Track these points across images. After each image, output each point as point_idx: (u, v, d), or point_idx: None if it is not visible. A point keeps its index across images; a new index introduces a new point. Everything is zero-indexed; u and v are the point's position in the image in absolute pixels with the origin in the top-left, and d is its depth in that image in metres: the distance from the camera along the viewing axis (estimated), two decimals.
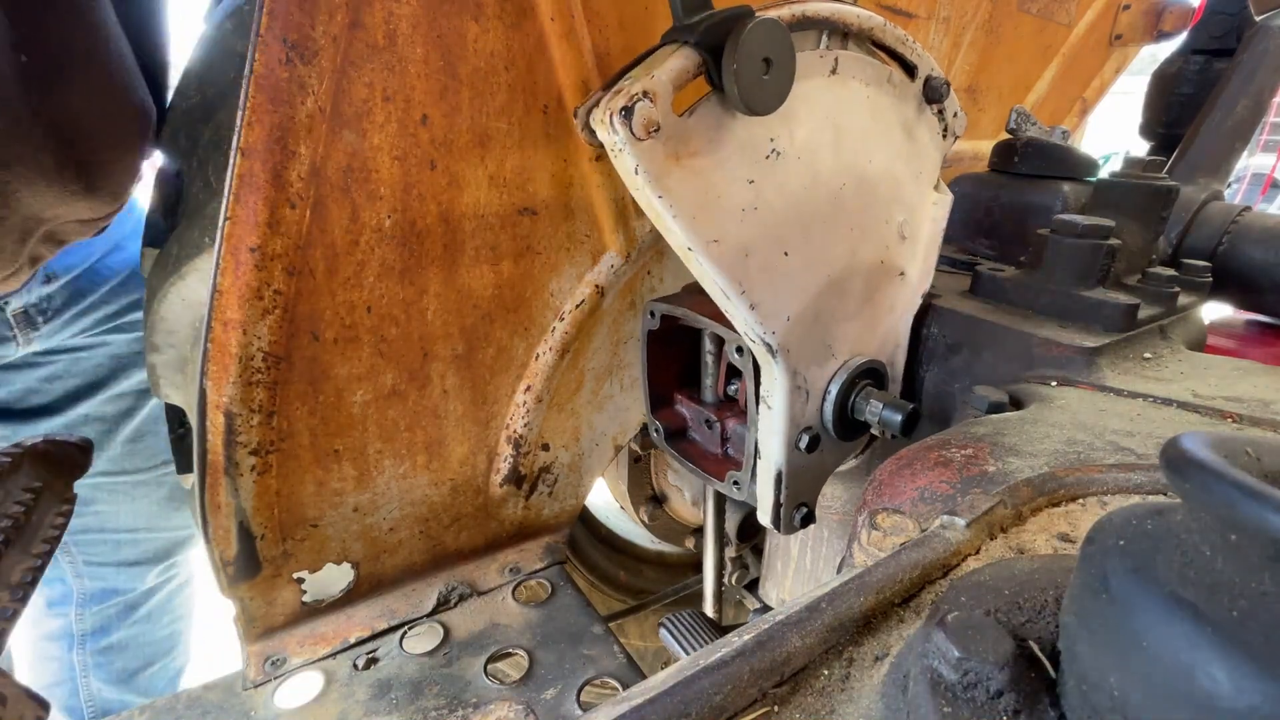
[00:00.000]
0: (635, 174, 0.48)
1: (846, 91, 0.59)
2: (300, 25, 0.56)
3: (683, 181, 0.50)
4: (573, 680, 0.78)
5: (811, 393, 0.64)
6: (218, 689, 0.75)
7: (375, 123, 0.63)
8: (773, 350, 0.58)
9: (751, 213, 0.54)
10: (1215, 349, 0.85)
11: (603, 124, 0.47)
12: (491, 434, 0.88)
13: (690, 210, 0.50)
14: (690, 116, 0.49)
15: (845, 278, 0.63)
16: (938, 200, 0.71)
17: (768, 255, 0.56)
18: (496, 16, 0.65)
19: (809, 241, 0.59)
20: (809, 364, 0.62)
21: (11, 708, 0.55)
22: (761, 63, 0.48)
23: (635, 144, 0.46)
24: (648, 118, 0.46)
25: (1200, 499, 0.19)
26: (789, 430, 0.63)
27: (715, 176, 0.51)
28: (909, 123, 0.65)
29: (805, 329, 0.60)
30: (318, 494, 0.76)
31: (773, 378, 0.61)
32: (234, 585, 0.74)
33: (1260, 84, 1.11)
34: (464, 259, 0.74)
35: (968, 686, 0.23)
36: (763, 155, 0.54)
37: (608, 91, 0.48)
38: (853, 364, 0.66)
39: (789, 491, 0.66)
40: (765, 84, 0.49)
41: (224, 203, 0.58)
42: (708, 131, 0.50)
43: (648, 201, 0.50)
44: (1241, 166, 4.73)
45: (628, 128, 0.45)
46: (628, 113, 0.45)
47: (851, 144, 0.60)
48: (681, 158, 0.49)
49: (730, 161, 0.52)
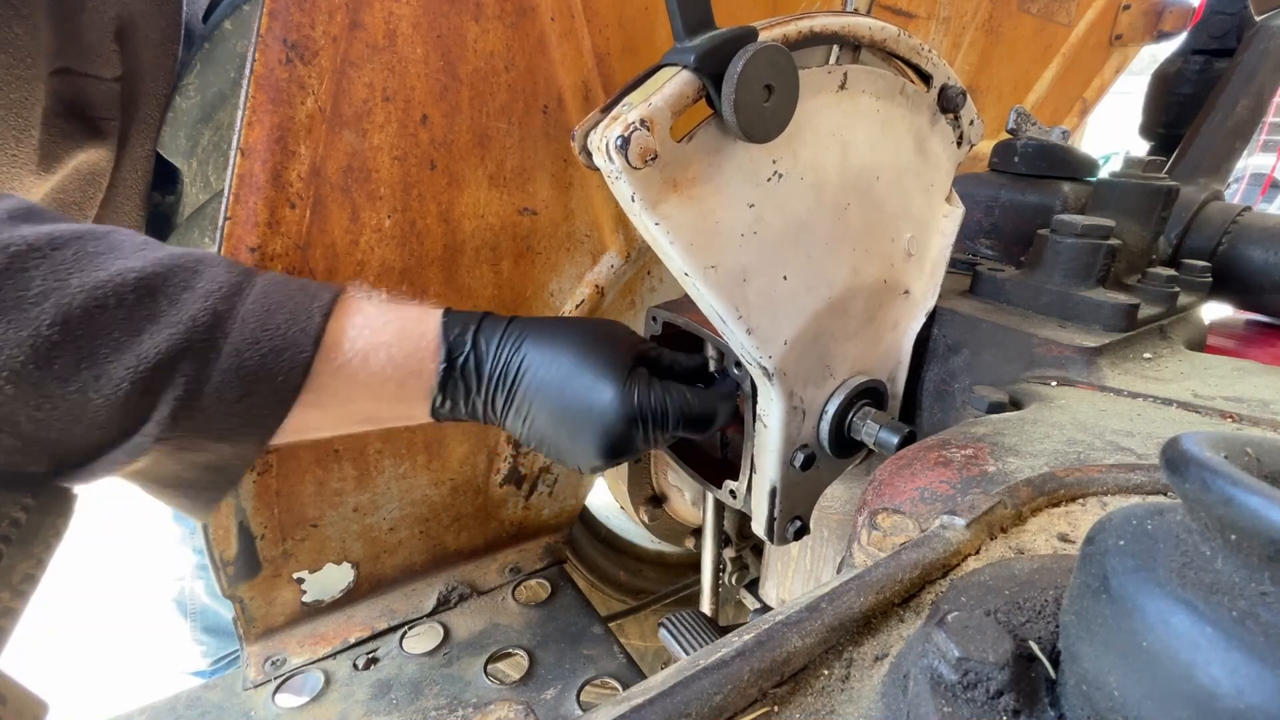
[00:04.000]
0: (632, 201, 0.46)
1: (855, 107, 0.57)
2: (300, 25, 0.56)
3: (680, 208, 0.48)
4: (573, 680, 0.78)
5: (808, 412, 0.63)
6: (218, 689, 0.75)
7: (375, 123, 0.63)
8: (769, 374, 0.57)
9: (751, 237, 0.52)
10: (1215, 349, 0.85)
11: (599, 151, 0.45)
12: (491, 434, 0.88)
13: (687, 236, 0.49)
14: (689, 142, 0.48)
15: (847, 298, 0.61)
16: (949, 213, 0.69)
17: (766, 279, 0.54)
18: (496, 16, 0.66)
19: (810, 264, 0.57)
20: (806, 384, 0.61)
21: (11, 707, 0.55)
22: (763, 90, 0.46)
23: (632, 173, 0.45)
24: (644, 146, 0.44)
25: (1200, 499, 0.19)
26: (784, 449, 0.62)
27: (714, 202, 0.50)
28: (921, 134, 0.63)
29: (803, 351, 0.59)
30: (318, 494, 0.76)
31: (769, 399, 0.60)
32: (234, 585, 0.74)
33: (1260, 84, 1.11)
34: (464, 259, 0.74)
35: (968, 686, 0.23)
36: (764, 178, 0.52)
37: (605, 114, 0.46)
38: (851, 384, 0.65)
39: (783, 506, 0.66)
40: (766, 112, 0.47)
41: (224, 203, 0.58)
42: (707, 156, 0.49)
43: (644, 227, 0.48)
44: (1241, 166, 4.73)
45: (624, 157, 0.44)
46: (624, 142, 0.44)
47: (859, 161, 0.58)
48: (680, 184, 0.48)
49: (730, 186, 0.50)
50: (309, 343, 0.50)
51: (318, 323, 0.50)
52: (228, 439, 0.49)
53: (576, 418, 0.55)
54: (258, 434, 0.50)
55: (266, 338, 0.48)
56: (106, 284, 0.43)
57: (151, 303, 0.45)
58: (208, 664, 1.35)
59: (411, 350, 0.54)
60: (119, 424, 0.46)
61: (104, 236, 0.46)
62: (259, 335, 0.48)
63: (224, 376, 0.47)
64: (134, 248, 0.47)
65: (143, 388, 0.45)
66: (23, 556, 0.61)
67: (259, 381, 0.48)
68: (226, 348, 0.47)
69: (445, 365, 0.55)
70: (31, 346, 0.42)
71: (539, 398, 0.56)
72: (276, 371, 0.49)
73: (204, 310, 0.47)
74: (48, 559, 0.64)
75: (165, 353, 0.45)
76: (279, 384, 0.49)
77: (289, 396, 0.50)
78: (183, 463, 0.50)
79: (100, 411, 0.45)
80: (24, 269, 0.42)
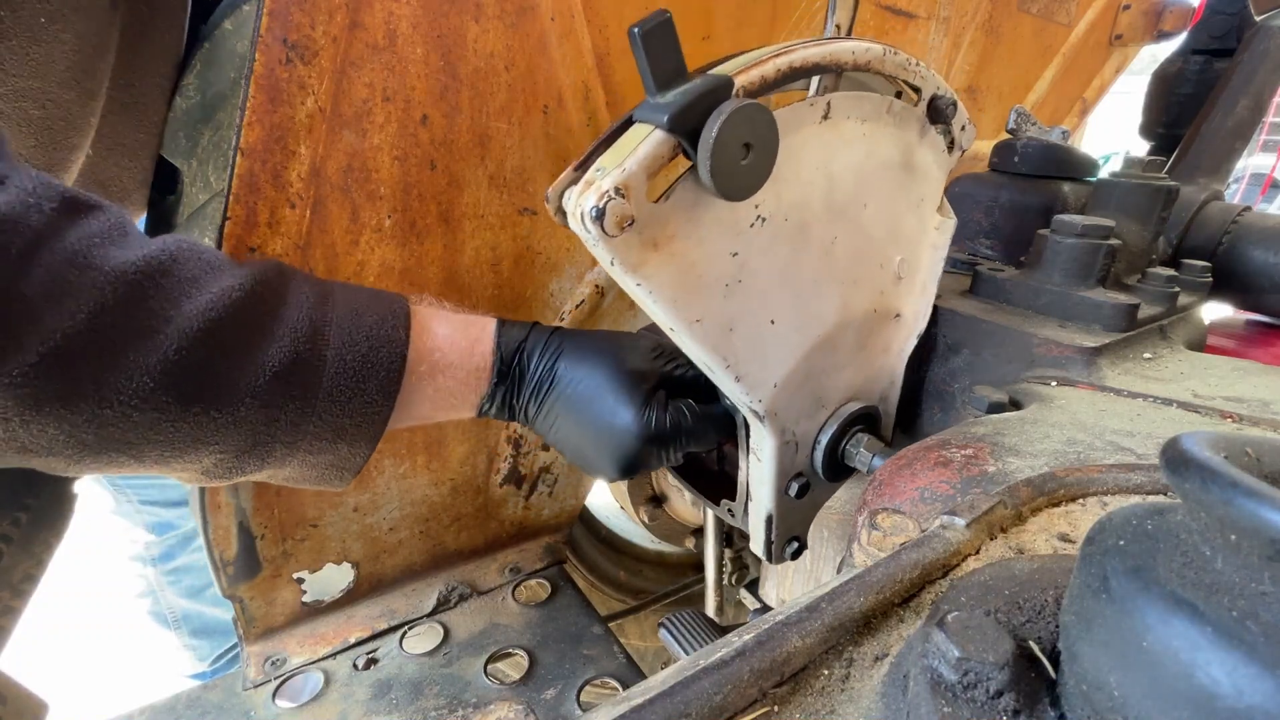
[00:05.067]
0: (612, 265, 0.45)
1: (839, 135, 0.54)
2: (300, 25, 0.56)
3: (661, 267, 0.47)
4: (573, 680, 0.78)
5: (801, 444, 0.63)
6: (218, 689, 0.75)
7: (375, 123, 0.63)
8: (760, 416, 0.57)
9: (735, 286, 0.51)
10: (1215, 349, 0.85)
11: (574, 218, 0.44)
12: (491, 434, 0.88)
13: (670, 294, 0.47)
14: (666, 201, 0.46)
15: (836, 333, 0.60)
16: (940, 225, 0.67)
17: (753, 326, 0.53)
18: (496, 16, 0.66)
19: (798, 305, 0.56)
20: (799, 420, 0.61)
21: (11, 707, 0.55)
22: (741, 148, 0.44)
23: (609, 240, 0.44)
24: (620, 214, 0.43)
25: (1200, 499, 0.19)
26: (778, 480, 0.62)
27: (695, 255, 0.48)
28: (910, 149, 0.61)
29: (794, 390, 0.59)
30: (317, 494, 0.76)
31: (761, 436, 0.60)
32: (234, 585, 0.74)
33: (1260, 84, 1.11)
34: (464, 259, 0.74)
35: (968, 686, 0.23)
36: (746, 225, 0.50)
37: (579, 174, 0.45)
38: (843, 413, 0.64)
39: (780, 530, 0.66)
40: (744, 170, 0.45)
41: (224, 203, 0.58)
42: (685, 212, 0.47)
43: (627, 288, 0.47)
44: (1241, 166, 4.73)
45: (600, 226, 0.43)
46: (599, 212, 0.42)
47: (844, 191, 0.56)
48: (660, 243, 0.46)
49: (711, 238, 0.49)
50: (402, 337, 0.53)
51: (404, 321, 0.54)
52: (344, 439, 0.52)
53: (598, 434, 0.59)
54: (371, 430, 0.53)
55: (362, 338, 0.51)
56: (215, 305, 0.45)
57: (256, 318, 0.47)
58: (206, 665, 1.35)
59: (471, 370, 0.58)
60: (240, 439, 0.48)
61: (190, 252, 0.47)
62: (355, 337, 0.51)
63: (333, 381, 0.50)
64: (219, 262, 0.48)
65: (263, 400, 0.47)
66: (23, 556, 0.61)
67: (364, 380, 0.51)
68: (330, 353, 0.50)
69: (496, 380, 0.59)
70: (162, 371, 0.42)
71: (566, 411, 0.60)
72: (378, 367, 0.52)
73: (303, 319, 0.49)
74: (48, 559, 0.64)
75: (278, 364, 0.47)
76: (382, 379, 0.52)
77: (393, 389, 0.53)
78: (305, 464, 0.53)
79: (221, 429, 0.46)
80: (143, 297, 0.42)
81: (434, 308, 0.59)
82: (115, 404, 0.42)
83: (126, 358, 0.41)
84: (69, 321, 0.39)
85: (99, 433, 0.42)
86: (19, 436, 0.40)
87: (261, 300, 0.47)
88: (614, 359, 0.60)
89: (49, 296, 0.39)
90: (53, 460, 0.43)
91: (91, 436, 0.42)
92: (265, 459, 0.50)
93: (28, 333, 0.38)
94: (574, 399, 0.59)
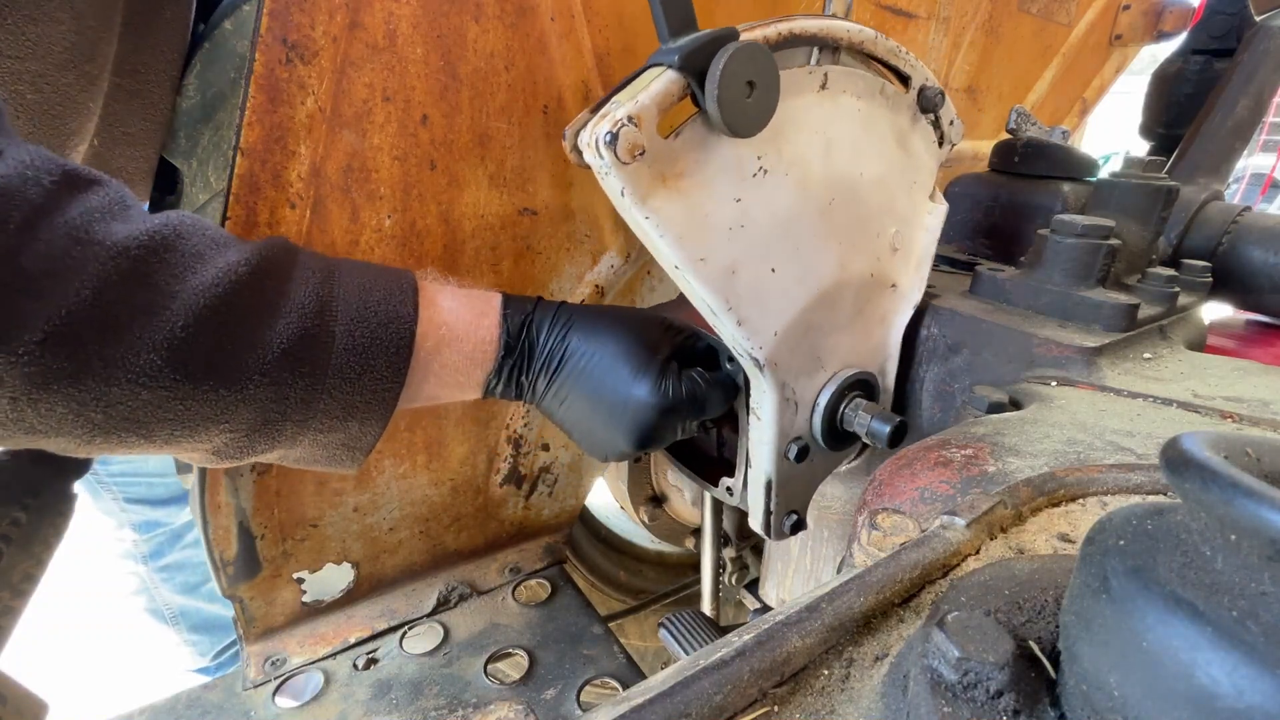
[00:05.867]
0: (621, 196, 0.48)
1: (837, 106, 0.58)
2: (300, 25, 0.56)
3: (669, 202, 0.50)
4: (573, 680, 0.78)
5: (800, 404, 0.64)
6: (218, 689, 0.75)
7: (375, 123, 0.63)
8: (760, 365, 0.58)
9: (738, 230, 0.54)
10: (1215, 349, 0.85)
11: (589, 148, 0.47)
12: (491, 434, 0.88)
13: (677, 230, 0.50)
14: (676, 139, 0.49)
15: (835, 291, 0.62)
16: (933, 210, 0.70)
17: (755, 272, 0.56)
18: (496, 16, 0.66)
19: (797, 257, 0.58)
20: (798, 376, 0.62)
21: (11, 707, 0.55)
22: (745, 86, 0.48)
23: (621, 168, 0.46)
24: (632, 142, 0.46)
25: (1200, 499, 0.19)
26: (778, 441, 0.63)
27: (701, 196, 0.51)
28: (903, 133, 0.65)
29: (794, 343, 0.60)
30: (317, 494, 0.76)
31: (761, 390, 0.61)
32: (234, 585, 0.74)
33: (1260, 84, 1.11)
34: (464, 259, 0.74)
35: (968, 686, 0.23)
36: (750, 174, 0.54)
37: (595, 114, 0.48)
38: (842, 376, 0.66)
39: (779, 499, 0.66)
40: (749, 107, 0.49)
41: (224, 203, 0.58)
42: (694, 152, 0.50)
43: (635, 221, 0.50)
44: (1241, 166, 4.73)
45: (613, 152, 0.46)
46: (613, 138, 0.45)
47: (842, 157, 0.60)
48: (668, 179, 0.49)
49: (717, 181, 0.52)
50: (409, 313, 0.53)
51: (411, 296, 0.53)
52: (355, 416, 0.52)
53: (613, 407, 0.58)
54: (381, 406, 0.53)
55: (370, 315, 0.51)
56: (221, 281, 0.44)
57: (262, 294, 0.46)
58: (208, 660, 1.35)
59: (477, 343, 0.57)
60: (250, 417, 0.47)
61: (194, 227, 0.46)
62: (363, 313, 0.50)
63: (342, 357, 0.49)
64: (223, 238, 0.47)
65: (272, 378, 0.46)
66: (23, 556, 0.61)
67: (373, 355, 0.51)
68: (339, 329, 0.49)
69: (503, 355, 0.58)
70: (169, 348, 0.42)
71: (579, 385, 0.59)
72: (387, 343, 0.51)
73: (310, 296, 0.48)
74: (48, 558, 0.64)
75: (287, 341, 0.46)
76: (391, 354, 0.52)
77: (402, 365, 0.52)
78: (316, 443, 0.52)
79: (231, 407, 0.46)
80: (147, 272, 0.42)
81: (439, 282, 0.59)
82: (123, 381, 0.41)
83: (133, 334, 0.41)
84: (74, 298, 0.38)
85: (107, 411, 0.42)
86: (27, 417, 0.40)
87: (268, 276, 0.47)
88: (629, 331, 0.60)
89: (51, 272, 0.38)
90: (61, 440, 0.43)
91: (100, 415, 0.42)
92: (276, 438, 0.49)
93: (32, 309, 0.37)
94: (588, 372, 0.59)
